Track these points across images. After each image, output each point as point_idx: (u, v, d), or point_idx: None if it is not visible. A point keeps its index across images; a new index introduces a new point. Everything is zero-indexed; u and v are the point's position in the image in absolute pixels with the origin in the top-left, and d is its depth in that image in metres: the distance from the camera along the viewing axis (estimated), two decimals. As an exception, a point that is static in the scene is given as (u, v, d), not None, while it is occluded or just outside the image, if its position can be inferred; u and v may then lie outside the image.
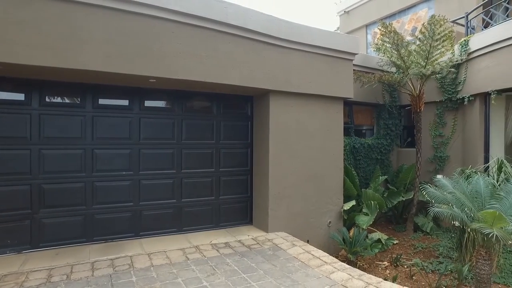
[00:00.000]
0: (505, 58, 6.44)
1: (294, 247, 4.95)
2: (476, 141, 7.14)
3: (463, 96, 7.31)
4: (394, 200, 7.22)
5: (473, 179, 4.58)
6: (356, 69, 7.56)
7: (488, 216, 3.66)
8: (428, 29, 6.39)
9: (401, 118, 8.94)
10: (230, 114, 6.03)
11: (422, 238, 7.09)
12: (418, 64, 6.85)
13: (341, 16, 14.54)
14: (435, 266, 5.62)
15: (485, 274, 4.03)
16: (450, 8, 9.51)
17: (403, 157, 8.73)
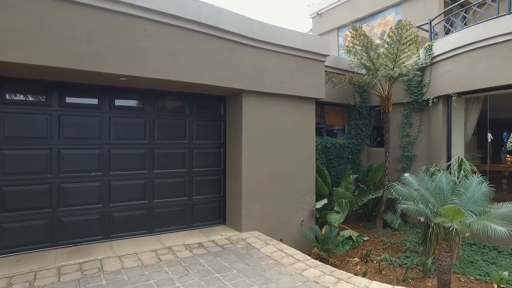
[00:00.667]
0: (463, 63, 6.82)
1: (267, 246, 4.99)
2: (440, 141, 7.50)
3: (428, 98, 7.67)
4: (364, 198, 7.45)
5: (437, 176, 4.82)
6: (328, 70, 7.75)
7: (449, 211, 3.87)
8: (395, 33, 6.66)
9: (371, 119, 9.24)
10: (203, 114, 6.00)
11: (390, 234, 7.35)
12: (386, 66, 7.11)
13: (313, 18, 14.80)
14: (402, 260, 5.85)
15: (446, 265, 4.24)
16: (415, 14, 9.93)
17: (373, 157, 9.02)
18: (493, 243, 6.23)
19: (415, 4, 10.46)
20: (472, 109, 7.52)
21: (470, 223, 3.86)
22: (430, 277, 5.20)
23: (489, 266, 5.43)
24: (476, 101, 7.47)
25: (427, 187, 4.46)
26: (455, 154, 7.11)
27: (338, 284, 3.72)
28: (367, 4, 12.06)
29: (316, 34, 12.90)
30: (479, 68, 6.53)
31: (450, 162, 6.75)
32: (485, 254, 5.99)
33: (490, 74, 6.35)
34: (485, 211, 4.10)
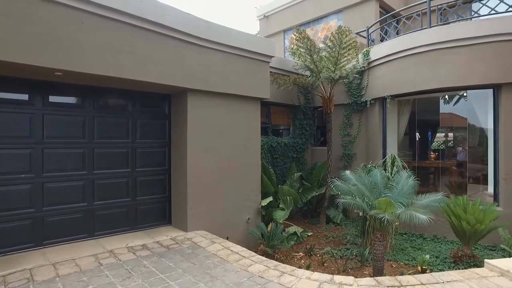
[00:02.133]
0: (396, 68, 7.43)
1: (214, 244, 5.00)
2: (377, 140, 8.08)
3: (366, 100, 8.22)
4: (308, 195, 7.77)
5: (372, 172, 5.19)
6: (273, 71, 7.97)
7: (382, 203, 4.20)
8: (336, 38, 7.04)
9: (315, 119, 9.66)
10: (147, 112, 5.83)
11: (333, 229, 7.75)
12: (328, 69, 7.48)
13: (261, 20, 15.07)
14: (343, 253, 6.20)
15: (380, 254, 4.60)
16: (355, 21, 10.57)
17: (316, 155, 9.43)
18: (419, 232, 6.87)
19: (354, 12, 11.15)
20: (404, 111, 8.21)
21: (399, 214, 4.22)
22: (367, 266, 5.58)
23: (416, 252, 5.98)
24: (407, 104, 8.16)
25: (363, 183, 4.80)
26: (390, 152, 7.70)
27: (282, 277, 3.85)
28: (312, 9, 12.58)
29: (263, 36, 13.16)
30: (408, 73, 7.16)
31: (384, 159, 7.29)
32: (413, 241, 6.59)
33: (417, 79, 7.00)
34: (412, 202, 4.52)
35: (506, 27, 6.17)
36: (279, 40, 13.61)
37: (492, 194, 6.55)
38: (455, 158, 8.08)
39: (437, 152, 7.99)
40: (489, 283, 3.62)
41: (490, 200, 6.52)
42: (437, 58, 6.72)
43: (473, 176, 7.38)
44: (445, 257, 5.62)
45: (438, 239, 6.66)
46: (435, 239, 6.68)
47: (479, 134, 7.26)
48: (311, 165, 9.23)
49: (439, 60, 6.69)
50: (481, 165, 7.11)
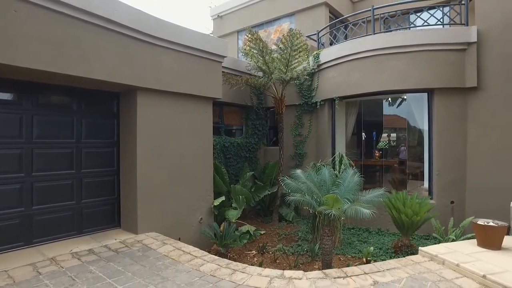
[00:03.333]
0: (343, 71, 7.82)
1: (165, 245, 4.91)
2: (326, 139, 8.43)
3: (316, 101, 8.54)
4: (261, 194, 7.89)
5: (321, 171, 5.42)
6: (226, 71, 7.99)
7: (330, 200, 4.41)
8: (287, 40, 7.24)
9: (267, 119, 9.84)
10: (93, 111, 5.56)
11: (285, 227, 7.94)
12: (280, 70, 7.67)
13: (214, 20, 14.99)
14: (295, 249, 6.38)
15: (328, 248, 4.82)
16: (306, 25, 10.92)
17: (269, 155, 9.60)
18: (365, 226, 7.29)
19: (306, 16, 11.50)
20: (351, 112, 8.66)
21: (346, 209, 4.46)
22: (317, 260, 5.80)
23: (362, 245, 6.34)
24: (354, 105, 8.62)
25: (312, 180, 5.00)
26: (338, 151, 8.07)
27: (234, 275, 3.90)
28: (265, 12, 12.77)
29: (216, 36, 13.12)
30: (354, 76, 7.57)
31: (333, 158, 7.63)
32: (359, 235, 6.97)
33: (363, 82, 7.43)
34: (357, 198, 4.79)
35: (436, 38, 6.80)
36: (232, 40, 13.64)
37: (427, 189, 7.15)
38: (398, 157, 8.70)
39: (381, 151, 8.54)
40: (421, 267, 3.96)
41: (426, 194, 7.11)
42: (380, 62, 7.19)
43: (412, 173, 7.99)
44: (387, 248, 6.03)
45: (382, 232, 7.12)
46: (380, 232, 7.13)
47: (418, 134, 7.88)
48: (264, 164, 9.38)
49: (382, 64, 7.16)
50: (419, 163, 7.72)
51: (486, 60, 6.59)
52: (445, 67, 6.79)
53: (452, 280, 3.62)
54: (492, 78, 6.51)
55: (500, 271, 3.55)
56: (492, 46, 6.52)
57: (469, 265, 3.73)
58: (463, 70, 6.78)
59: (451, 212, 6.66)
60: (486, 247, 4.27)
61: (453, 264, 3.87)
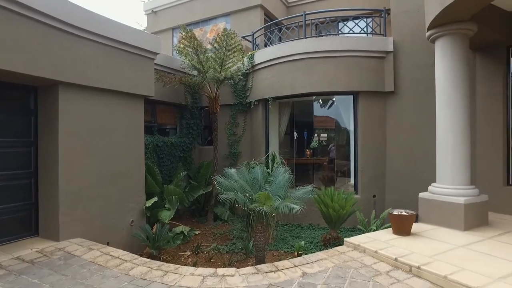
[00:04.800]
0: (277, 72, 8.09)
1: (91, 251, 4.60)
2: (260, 139, 8.63)
3: (250, 101, 8.70)
4: (195, 193, 7.80)
5: (254, 169, 5.53)
6: (159, 69, 7.76)
7: (261, 197, 4.53)
8: (222, 40, 7.25)
9: (202, 119, 9.76)
10: (5, 107, 4.98)
11: (221, 226, 7.95)
12: (215, 69, 7.66)
13: (148, 15, 14.42)
14: (229, 247, 6.42)
15: (261, 244, 4.94)
16: (242, 26, 11.06)
17: (204, 154, 9.52)
18: (298, 222, 7.62)
19: (241, 17, 11.63)
20: (284, 112, 8.97)
21: (277, 206, 4.61)
22: (251, 257, 5.90)
23: (294, 240, 6.61)
24: (287, 106, 8.94)
25: (245, 179, 5.08)
26: (272, 150, 8.32)
27: (165, 276, 3.80)
28: (201, 10, 12.63)
29: (150, 32, 12.63)
30: (287, 78, 7.87)
31: (266, 156, 7.84)
32: (292, 231, 7.27)
33: (295, 83, 7.76)
34: (288, 195, 4.99)
35: (360, 45, 7.41)
36: (167, 37, 13.26)
37: (353, 185, 7.73)
38: (329, 156, 9.22)
39: (312, 150, 8.99)
40: (345, 256, 4.26)
41: (352, 189, 7.67)
42: (311, 65, 7.57)
43: (341, 170, 8.55)
44: (317, 242, 6.38)
45: (313, 226, 7.50)
46: (311, 227, 7.51)
47: (345, 134, 8.45)
48: (199, 164, 9.28)
49: (313, 67, 7.55)
50: (346, 161, 8.29)
51: (400, 68, 7.35)
52: (368, 72, 7.41)
53: (371, 265, 3.96)
54: (405, 84, 7.28)
55: (407, 253, 3.99)
56: (404, 55, 7.29)
57: (385, 251, 4.12)
58: (383, 75, 7.46)
59: (373, 205, 7.28)
60: (399, 234, 4.75)
61: (372, 251, 4.23)
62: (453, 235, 4.75)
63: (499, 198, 5.87)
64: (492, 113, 6.16)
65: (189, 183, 8.49)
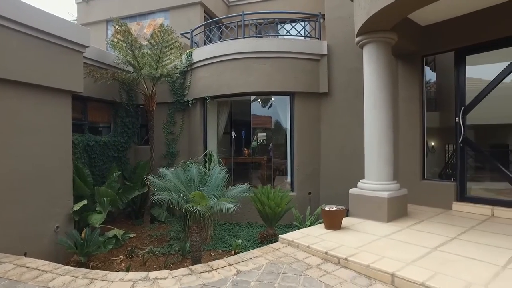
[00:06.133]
0: (215, 71, 8.06)
1: (2, 264, 4.14)
2: (198, 138, 8.53)
3: (188, 100, 8.55)
4: (130, 195, 7.46)
5: (190, 168, 5.44)
6: (90, 63, 7.28)
7: (196, 197, 4.46)
8: (158, 36, 7.01)
9: (139, 117, 9.36)
10: None
11: (158, 227, 7.70)
12: (151, 66, 7.37)
13: (79, 5, 13.43)
14: (166, 249, 6.24)
15: (197, 245, 4.88)
16: (181, 22, 10.82)
17: (140, 154, 9.14)
18: (236, 220, 7.66)
19: (181, 13, 11.37)
20: (223, 111, 8.97)
21: (212, 205, 4.58)
22: (188, 258, 5.79)
23: (232, 239, 6.63)
24: (225, 105, 8.95)
25: (179, 178, 4.97)
26: (210, 149, 8.26)
27: (92, 284, 3.57)
28: (139, 3, 12.09)
29: (81, 23, 11.78)
30: (225, 77, 7.87)
31: (203, 156, 7.75)
32: (230, 230, 7.29)
33: (232, 83, 7.80)
34: (223, 194, 4.99)
35: (297, 47, 7.68)
36: (101, 30, 12.48)
37: (290, 182, 7.98)
38: (269, 154, 9.40)
39: (250, 149, 9.11)
40: (279, 253, 4.38)
41: (289, 187, 7.92)
42: (248, 65, 7.66)
43: (279, 169, 8.78)
44: (255, 239, 6.47)
45: (251, 224, 7.60)
46: (249, 225, 7.59)
47: (283, 133, 8.69)
48: (135, 164, 8.89)
49: (250, 67, 7.65)
50: (284, 160, 8.53)
51: (333, 70, 7.76)
52: (304, 74, 7.70)
53: (303, 260, 4.12)
54: (338, 86, 7.71)
55: (337, 246, 4.22)
56: (337, 59, 7.71)
57: (316, 245, 4.31)
58: (317, 77, 7.81)
59: (309, 202, 7.58)
60: (330, 229, 5.00)
61: (305, 246, 4.40)
62: (378, 226, 5.12)
63: (416, 191, 6.47)
64: (412, 116, 6.76)
65: (125, 184, 8.08)
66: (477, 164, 6.73)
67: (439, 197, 6.24)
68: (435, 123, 7.74)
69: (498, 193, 6.08)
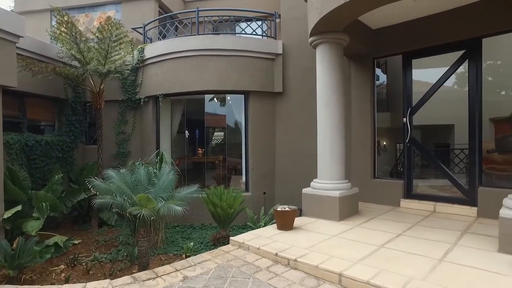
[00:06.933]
0: (168, 68, 7.76)
1: None
2: (151, 137, 8.18)
3: (140, 97, 8.18)
4: (75, 198, 6.96)
5: (138, 170, 5.16)
6: (28, 55, 6.69)
7: (142, 200, 4.22)
8: (106, 29, 6.59)
9: (87, 115, 8.81)
10: None
11: (107, 232, 7.27)
12: (98, 61, 6.92)
13: (19, -10, 12.37)
14: (113, 256, 5.88)
15: (145, 250, 4.63)
16: (135, 16, 10.34)
17: (89, 155, 8.59)
18: (190, 222, 7.44)
19: (134, 6, 10.86)
20: (177, 110, 8.68)
21: (160, 208, 4.35)
22: (136, 264, 5.50)
23: (185, 241, 6.40)
24: (179, 103, 8.67)
25: (125, 180, 4.69)
26: (163, 149, 7.96)
27: (18, 300, 3.23)
28: (88, -7, 11.39)
29: (20, 12, 10.84)
30: (178, 74, 7.61)
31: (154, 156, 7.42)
32: (184, 232, 7.05)
33: (186, 81, 7.55)
34: (172, 196, 4.78)
35: (252, 46, 7.60)
36: (44, 20, 11.55)
37: (245, 182, 7.89)
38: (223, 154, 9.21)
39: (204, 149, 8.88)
40: (229, 255, 4.27)
41: (244, 187, 7.83)
42: (203, 63, 7.46)
43: (235, 168, 8.65)
44: (207, 242, 6.29)
45: (205, 226, 7.40)
46: (203, 227, 7.40)
47: (238, 133, 8.57)
48: (82, 165, 8.34)
49: (204, 65, 7.45)
50: (239, 159, 8.42)
51: (288, 70, 7.78)
52: (259, 73, 7.64)
53: (253, 262, 4.03)
54: (293, 85, 7.74)
55: (287, 247, 4.19)
56: (292, 58, 7.74)
57: (267, 247, 4.24)
58: (272, 76, 7.79)
59: (264, 202, 7.54)
60: (282, 229, 4.97)
61: (255, 248, 4.32)
62: (330, 226, 5.18)
63: (368, 189, 6.66)
64: (364, 115, 6.94)
65: (70, 187, 7.55)
66: (423, 163, 7.06)
67: (389, 194, 6.46)
68: (387, 123, 8.04)
69: (441, 189, 6.42)
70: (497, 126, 6.16)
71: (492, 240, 4.15)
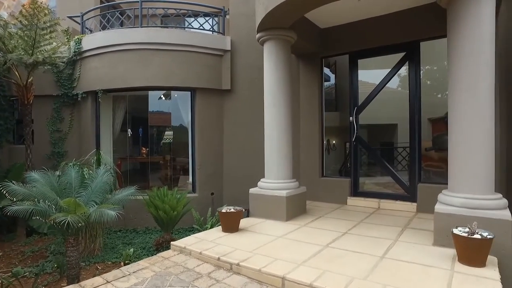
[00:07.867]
0: (108, 62, 7.20)
1: None
2: (90, 136, 7.56)
3: (78, 93, 7.53)
4: (-4, 204, 6.18)
5: (68, 171, 4.66)
6: None
7: (70, 205, 3.79)
8: (30, 14, 5.92)
9: (14, 111, 7.93)
10: None
11: (36, 241, 6.58)
12: (25, 50, 6.21)
13: None
14: (41, 268, 5.28)
15: (74, 260, 4.17)
16: (73, 4, 9.45)
17: (17, 155, 7.73)
18: (133, 226, 6.98)
19: (71, -7, 9.99)
20: (119, 107, 8.11)
21: (91, 213, 3.93)
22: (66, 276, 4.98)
23: (126, 247, 5.95)
24: (122, 100, 8.10)
25: (51, 183, 4.19)
26: (104, 149, 7.39)
27: None
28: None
29: None
30: (119, 69, 7.09)
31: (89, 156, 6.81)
32: (126, 237, 6.58)
33: (128, 76, 7.06)
34: (106, 199, 4.37)
35: (199, 41, 7.30)
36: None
37: (191, 183, 7.57)
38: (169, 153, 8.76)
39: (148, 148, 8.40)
40: (169, 262, 3.97)
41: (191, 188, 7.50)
42: (146, 57, 7.01)
43: (183, 168, 8.28)
44: (150, 247, 5.91)
45: (149, 230, 6.97)
46: (147, 231, 6.96)
47: (185, 131, 8.19)
48: (8, 167, 7.48)
49: (148, 60, 7.01)
50: (186, 159, 8.06)
51: (237, 67, 7.59)
52: (206, 69, 7.36)
53: (194, 268, 3.78)
54: (241, 83, 7.56)
55: (231, 251, 3.98)
56: (241, 55, 7.56)
57: (209, 251, 4.01)
58: (220, 73, 7.55)
59: (211, 203, 7.27)
60: (228, 231, 4.76)
61: (197, 253, 4.07)
62: (276, 226, 5.06)
63: (316, 188, 6.68)
64: (312, 114, 6.94)
65: None
66: (369, 161, 7.26)
67: (336, 193, 6.52)
68: (336, 122, 8.16)
69: (385, 187, 6.62)
70: (434, 125, 6.49)
71: (428, 234, 4.30)
